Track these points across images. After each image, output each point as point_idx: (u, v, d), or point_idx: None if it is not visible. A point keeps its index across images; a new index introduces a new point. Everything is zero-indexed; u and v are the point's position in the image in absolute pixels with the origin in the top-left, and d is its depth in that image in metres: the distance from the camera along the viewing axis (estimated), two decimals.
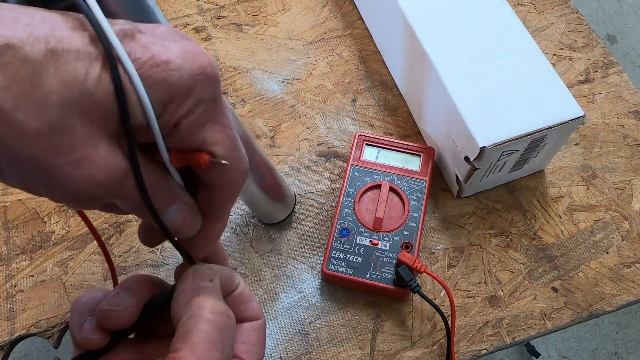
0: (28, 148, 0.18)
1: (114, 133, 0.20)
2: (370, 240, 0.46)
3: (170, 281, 0.27)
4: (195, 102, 0.21)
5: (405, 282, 0.43)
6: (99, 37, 0.19)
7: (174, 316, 0.24)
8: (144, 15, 0.29)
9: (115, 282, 0.35)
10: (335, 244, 0.46)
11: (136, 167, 0.21)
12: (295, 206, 0.51)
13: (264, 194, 0.44)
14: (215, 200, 0.25)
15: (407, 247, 0.46)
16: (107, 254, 0.34)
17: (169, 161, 0.23)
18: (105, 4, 0.25)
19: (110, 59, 0.19)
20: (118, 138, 0.21)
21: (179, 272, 0.26)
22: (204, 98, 0.21)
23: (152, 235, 0.26)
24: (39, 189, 0.20)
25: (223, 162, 0.22)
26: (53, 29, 0.19)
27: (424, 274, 0.45)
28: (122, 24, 0.21)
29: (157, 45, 0.20)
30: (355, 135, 0.52)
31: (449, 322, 0.44)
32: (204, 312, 0.23)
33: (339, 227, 0.47)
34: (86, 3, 0.20)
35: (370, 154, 0.51)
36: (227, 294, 0.26)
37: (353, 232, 0.47)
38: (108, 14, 0.20)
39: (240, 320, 0.26)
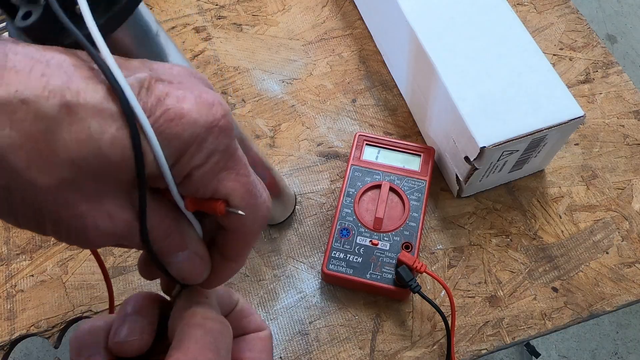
0: (37, 202, 0.19)
1: (124, 187, 0.20)
2: (371, 240, 0.46)
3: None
4: (208, 153, 0.21)
5: (405, 282, 0.43)
6: (116, 94, 0.19)
7: (170, 334, 0.24)
8: (157, 52, 0.28)
9: (112, 305, 0.35)
10: (335, 244, 0.46)
11: (143, 223, 0.21)
12: (296, 206, 0.51)
13: None
14: (233, 243, 0.24)
15: (407, 247, 0.46)
16: (107, 277, 0.33)
17: (184, 208, 0.22)
18: (114, 39, 0.24)
19: (131, 125, 0.19)
20: (128, 191, 0.21)
21: (163, 284, 0.26)
22: (217, 149, 0.21)
23: (153, 270, 0.26)
24: (50, 234, 0.20)
25: (239, 212, 0.22)
26: (69, 79, 0.18)
27: (424, 274, 0.45)
28: (137, 68, 0.21)
29: (172, 98, 0.20)
30: (355, 135, 0.52)
31: (449, 322, 0.44)
32: (195, 319, 0.23)
33: (339, 227, 0.47)
34: (95, 46, 0.20)
35: (370, 154, 0.51)
36: (228, 311, 0.27)
37: (353, 232, 0.47)
38: (117, 50, 0.20)
39: (244, 333, 0.26)
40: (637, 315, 1.21)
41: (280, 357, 0.45)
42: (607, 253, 0.49)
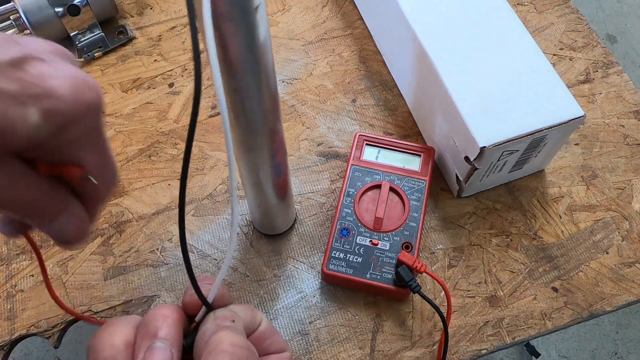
0: None
1: None
2: (370, 240, 0.46)
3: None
4: (83, 130, 0.23)
5: (405, 282, 0.43)
6: None
7: (196, 358, 0.24)
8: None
9: (50, 290, 0.32)
10: (335, 243, 0.46)
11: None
12: (296, 221, 0.51)
13: (274, 194, 0.43)
14: (85, 206, 0.26)
15: (407, 247, 0.46)
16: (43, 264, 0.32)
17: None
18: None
19: None
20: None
21: (188, 299, 0.26)
22: (90, 126, 0.23)
23: (16, 225, 0.27)
24: None
25: (94, 180, 0.25)
26: None
27: (424, 274, 0.45)
28: (5, 44, 0.21)
29: (48, 77, 0.21)
30: (355, 135, 0.52)
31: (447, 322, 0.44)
32: (223, 345, 0.23)
33: (339, 227, 0.47)
34: None
35: (370, 154, 0.51)
36: (251, 331, 0.27)
37: (353, 232, 0.47)
38: None
39: (266, 354, 0.26)
40: (637, 315, 1.21)
41: None
42: (607, 253, 0.49)
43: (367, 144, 0.51)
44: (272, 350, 0.27)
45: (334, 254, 0.46)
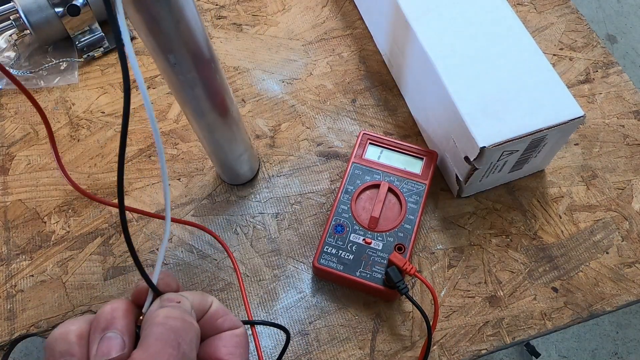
0: None
1: None
2: (364, 239, 0.46)
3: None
4: None
5: (393, 282, 0.43)
6: None
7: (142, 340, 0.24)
8: None
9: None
10: (328, 239, 0.46)
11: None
12: (260, 167, 0.52)
13: (215, 114, 0.42)
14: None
15: (400, 248, 0.46)
16: None
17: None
18: None
19: None
20: None
21: (137, 288, 0.27)
22: None
23: None
24: None
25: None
26: None
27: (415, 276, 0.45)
28: None
29: None
30: (359, 134, 0.52)
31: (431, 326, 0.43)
32: (158, 319, 0.24)
33: (334, 222, 0.47)
34: None
35: (372, 153, 0.51)
36: (202, 313, 0.27)
37: (348, 228, 0.47)
38: None
39: (219, 331, 0.27)
40: (637, 315, 1.21)
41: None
42: (607, 253, 0.49)
43: (370, 143, 0.51)
44: (225, 327, 0.28)
45: (326, 249, 0.46)
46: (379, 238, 0.46)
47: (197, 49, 0.35)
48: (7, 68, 0.42)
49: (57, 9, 0.56)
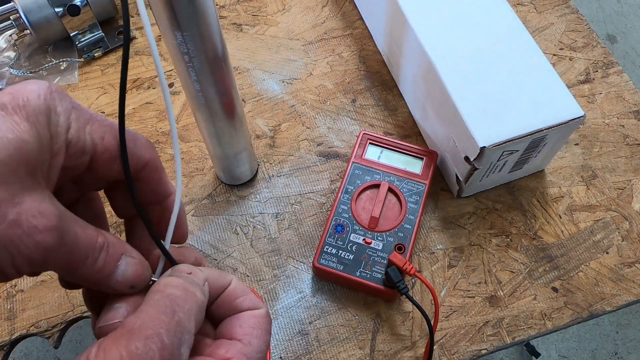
0: None
1: (36, 185, 0.21)
2: (364, 239, 0.46)
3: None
4: (65, 113, 0.24)
5: (393, 282, 0.43)
6: None
7: None
8: None
9: None
10: (328, 239, 0.46)
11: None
12: (258, 168, 0.52)
13: (223, 114, 0.43)
14: (153, 179, 0.27)
15: (400, 248, 0.46)
16: None
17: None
18: None
19: None
20: (42, 190, 0.21)
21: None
22: (67, 107, 0.24)
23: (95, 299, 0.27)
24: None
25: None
26: None
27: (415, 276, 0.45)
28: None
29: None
30: (359, 134, 0.52)
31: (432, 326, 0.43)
32: (157, 286, 0.24)
33: (334, 222, 0.47)
34: None
35: (372, 153, 0.51)
36: (220, 291, 0.27)
37: (348, 228, 0.47)
38: None
39: (238, 311, 0.26)
40: (637, 315, 1.21)
41: (281, 357, 0.45)
42: (607, 253, 0.49)
43: (370, 143, 0.51)
44: (245, 307, 0.27)
45: (326, 249, 0.46)
46: (379, 238, 0.46)
47: (208, 30, 0.34)
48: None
49: (57, 9, 0.56)
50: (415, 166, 0.50)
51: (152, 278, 0.26)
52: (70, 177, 0.24)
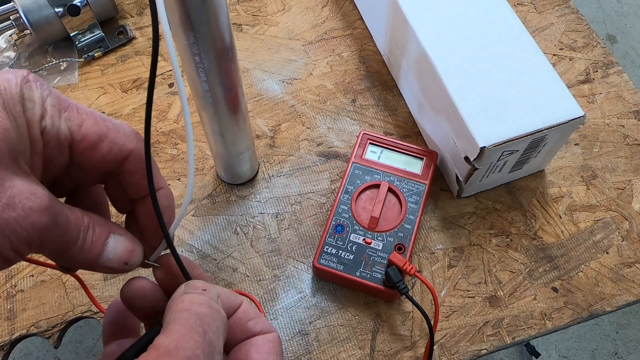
0: None
1: (23, 171, 0.21)
2: (364, 239, 0.46)
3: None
4: (39, 100, 0.24)
5: (393, 282, 0.43)
6: None
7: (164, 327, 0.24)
8: None
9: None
10: (328, 239, 0.46)
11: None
12: (259, 168, 0.51)
13: (227, 110, 0.43)
14: (136, 179, 0.26)
15: (400, 248, 0.46)
16: None
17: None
18: None
19: None
20: (28, 175, 0.21)
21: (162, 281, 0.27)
22: (44, 94, 0.24)
23: None
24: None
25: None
26: None
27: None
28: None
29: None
30: (359, 134, 0.52)
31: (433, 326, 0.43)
32: (183, 304, 0.23)
33: (334, 222, 0.47)
34: None
35: (372, 153, 0.51)
36: (231, 311, 0.26)
37: (348, 228, 0.47)
38: None
39: (250, 335, 0.26)
40: (637, 315, 1.21)
41: None
42: (607, 253, 0.49)
43: (370, 143, 0.51)
44: (257, 330, 0.26)
45: (326, 249, 0.46)
46: (379, 238, 0.46)
47: (220, 32, 0.34)
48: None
49: (57, 9, 0.56)
50: (415, 166, 0.50)
51: (151, 263, 0.26)
52: (59, 168, 0.24)
